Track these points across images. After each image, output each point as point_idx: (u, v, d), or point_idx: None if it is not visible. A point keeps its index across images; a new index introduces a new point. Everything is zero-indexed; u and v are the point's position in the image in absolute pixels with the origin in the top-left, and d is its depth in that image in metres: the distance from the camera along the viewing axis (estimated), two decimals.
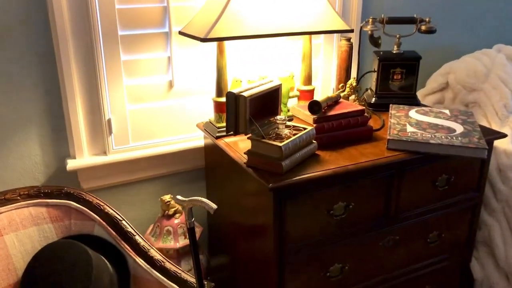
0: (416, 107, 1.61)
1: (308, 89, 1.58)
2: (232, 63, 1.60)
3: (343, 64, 1.66)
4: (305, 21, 1.44)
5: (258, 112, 1.30)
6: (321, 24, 1.45)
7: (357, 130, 1.44)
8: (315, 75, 1.81)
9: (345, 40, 1.64)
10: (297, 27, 1.41)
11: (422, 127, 1.45)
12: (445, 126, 1.45)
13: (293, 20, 1.42)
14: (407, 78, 1.67)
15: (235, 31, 1.33)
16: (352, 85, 1.61)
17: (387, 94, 1.70)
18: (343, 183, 1.30)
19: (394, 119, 1.50)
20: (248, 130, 1.24)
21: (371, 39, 1.65)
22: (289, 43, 1.70)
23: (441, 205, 1.50)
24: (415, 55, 1.68)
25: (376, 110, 1.69)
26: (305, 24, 1.43)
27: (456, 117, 1.53)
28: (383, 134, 1.48)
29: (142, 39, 1.49)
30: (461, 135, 1.39)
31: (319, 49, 1.79)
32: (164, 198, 1.50)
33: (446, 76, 1.96)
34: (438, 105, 1.96)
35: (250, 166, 1.26)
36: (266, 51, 1.67)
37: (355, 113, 1.43)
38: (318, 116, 1.38)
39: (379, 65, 1.66)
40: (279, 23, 1.40)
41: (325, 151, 1.36)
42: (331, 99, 1.46)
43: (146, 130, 1.58)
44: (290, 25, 1.41)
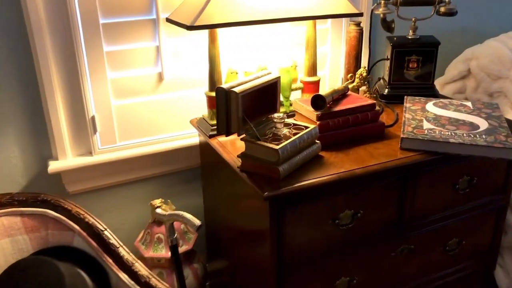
0: (434, 99, 1.44)
1: (313, 80, 1.42)
2: (227, 53, 1.44)
3: (352, 52, 1.49)
4: (308, 4, 1.27)
5: (253, 109, 1.15)
6: (326, 7, 1.29)
7: (366, 127, 1.28)
8: (322, 64, 1.65)
9: (354, 25, 1.47)
10: (299, 11, 1.25)
11: (441, 122, 1.28)
12: (467, 121, 1.28)
13: (294, 3, 1.26)
14: (424, 67, 1.50)
15: (227, 16, 1.17)
16: (362, 75, 1.44)
17: (401, 85, 1.53)
18: (350, 189, 1.14)
19: (409, 114, 1.34)
20: (241, 130, 1.10)
21: (383, 23, 1.48)
22: (291, 29, 1.53)
23: (461, 210, 1.34)
24: (433, 40, 1.50)
25: (389, 102, 1.52)
26: (307, 7, 1.27)
27: (480, 110, 1.36)
28: (396, 131, 1.32)
29: (127, 28, 1.34)
30: (485, 132, 1.22)
31: (326, 35, 1.62)
32: (154, 203, 1.37)
33: (467, 62, 1.78)
34: (458, 95, 1.78)
35: (244, 171, 1.12)
36: (266, 38, 1.51)
37: (364, 108, 1.27)
38: (322, 112, 1.23)
39: (393, 52, 1.48)
40: (278, 6, 1.24)
41: (329, 152, 1.20)
42: (337, 92, 1.30)
43: (134, 127, 1.44)
44: (290, 9, 1.25)
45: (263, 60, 1.48)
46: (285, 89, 1.38)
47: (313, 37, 1.39)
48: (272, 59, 1.52)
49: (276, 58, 1.53)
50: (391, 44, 1.48)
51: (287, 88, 1.38)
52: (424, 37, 1.52)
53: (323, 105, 1.22)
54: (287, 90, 1.38)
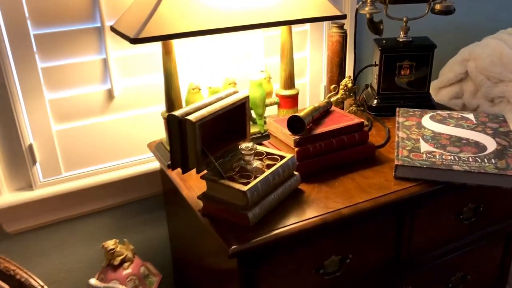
0: (430, 111, 1.24)
1: (290, 94, 1.22)
2: (187, 65, 1.23)
3: (335, 59, 1.29)
4: (279, 6, 1.06)
5: (216, 137, 0.95)
6: (302, 9, 1.08)
7: (354, 150, 1.08)
8: (302, 71, 1.44)
9: (336, 27, 1.26)
10: (268, 15, 1.04)
11: (441, 143, 1.09)
12: (471, 140, 1.09)
13: (263, 5, 1.05)
14: (418, 72, 1.30)
15: (182, 24, 0.96)
16: (347, 86, 1.24)
17: (392, 94, 1.33)
18: (336, 232, 0.95)
19: (403, 132, 1.14)
20: (200, 166, 0.89)
21: (370, 25, 1.28)
22: (264, 33, 1.33)
23: (466, 241, 1.15)
24: (428, 42, 1.31)
25: (378, 114, 1.33)
26: (278, 9, 1.06)
27: (485, 125, 1.17)
28: (389, 152, 1.13)
29: (66, 38, 1.12)
30: (495, 155, 1.03)
31: (305, 38, 1.41)
32: (107, 245, 1.16)
33: (464, 63, 1.59)
34: (455, 100, 1.59)
35: (207, 216, 0.91)
36: (234, 46, 1.30)
37: (351, 128, 1.07)
38: (300, 136, 1.02)
39: (382, 57, 1.29)
40: (243, 10, 1.03)
41: (311, 184, 1.00)
42: (318, 109, 1.10)
43: (83, 154, 1.23)
44: (258, 13, 1.04)
45: (231, 72, 1.28)
46: (257, 105, 1.17)
47: (289, 43, 1.18)
48: (242, 70, 1.31)
49: (247, 68, 1.33)
50: (380, 48, 1.28)
51: (260, 104, 1.17)
52: (417, 39, 1.32)
53: (302, 128, 1.02)
54: (260, 107, 1.18)
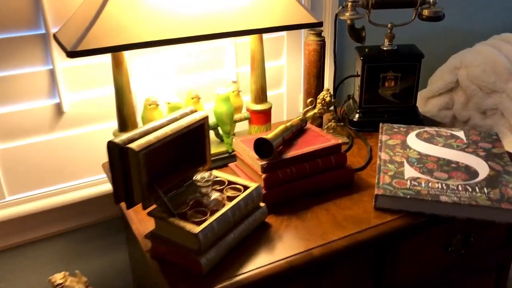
0: (417, 128, 1.13)
1: (262, 109, 1.10)
2: (144, 77, 1.11)
3: (312, 69, 1.16)
4: (245, 11, 0.94)
5: (170, 165, 0.82)
6: (268, 15, 0.96)
7: (330, 175, 0.96)
8: (278, 81, 1.32)
9: (313, 34, 1.14)
10: (230, 23, 0.92)
11: (428, 167, 0.97)
12: (461, 165, 0.98)
13: (226, 10, 0.92)
14: (404, 84, 1.18)
15: (130, 34, 0.83)
16: (325, 100, 1.12)
17: (375, 108, 1.21)
18: (306, 277, 0.83)
19: (385, 153, 1.02)
20: (147, 201, 0.77)
21: (351, 31, 1.16)
22: (236, 41, 1.20)
23: (456, 275, 1.04)
24: (415, 51, 1.19)
25: (360, 130, 1.21)
26: (240, 17, 0.93)
27: (476, 145, 1.05)
28: (369, 176, 1.01)
29: (6, 47, 0.99)
30: (487, 182, 0.91)
31: (282, 44, 1.29)
32: (54, 279, 1.03)
33: (455, 72, 1.47)
34: (445, 111, 1.48)
35: (156, 258, 0.79)
36: (199, 56, 1.17)
37: (326, 151, 0.95)
38: (268, 161, 0.90)
39: (364, 67, 1.17)
40: (204, 15, 0.91)
41: (280, 216, 0.88)
42: (290, 128, 0.98)
43: (30, 176, 1.10)
44: (221, 19, 0.91)
45: (198, 84, 1.15)
46: (224, 122, 1.05)
47: (259, 53, 1.05)
48: (210, 82, 1.19)
49: (216, 79, 1.20)
50: (361, 58, 1.16)
51: (226, 120, 1.05)
52: (403, 47, 1.20)
53: (270, 153, 0.90)
54: (227, 124, 1.05)
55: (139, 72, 1.11)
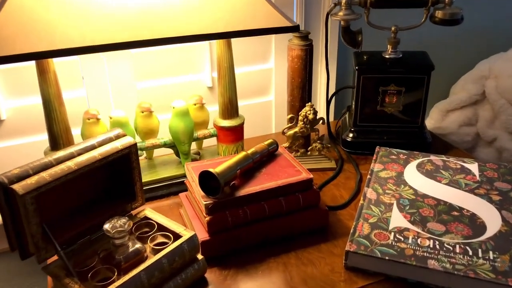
0: (420, 156, 0.92)
1: (230, 125, 0.92)
2: (88, 84, 0.95)
3: (296, 79, 0.97)
4: (203, 12, 0.76)
5: (81, 206, 0.66)
6: (237, 16, 0.77)
7: (296, 218, 0.78)
8: (266, 87, 1.14)
9: (297, 37, 0.94)
10: (177, 24, 0.74)
11: (421, 214, 0.77)
12: (465, 213, 0.77)
13: (175, 7, 0.75)
14: (409, 100, 0.98)
15: (47, 39, 0.67)
16: (307, 118, 0.93)
17: (373, 127, 1.01)
18: None
19: (373, 189, 0.83)
20: (42, 253, 0.61)
21: (345, 35, 0.95)
22: (211, 40, 1.02)
23: None
24: (424, 61, 0.97)
25: (354, 152, 1.01)
26: (198, 16, 0.75)
27: (491, 184, 0.84)
28: (350, 218, 0.82)
29: None
30: (495, 243, 0.70)
31: (269, 44, 1.10)
32: None
33: (482, 82, 1.24)
34: (467, 128, 1.25)
35: None
36: (168, 57, 1.00)
37: (293, 187, 0.77)
38: (215, 200, 0.73)
39: (359, 79, 0.96)
40: (147, 13, 0.73)
41: (224, 271, 0.71)
42: (251, 157, 0.79)
43: None
44: (165, 18, 0.74)
45: (160, 93, 0.99)
46: (180, 140, 0.88)
47: (227, 60, 0.87)
48: (177, 90, 1.02)
49: (184, 86, 1.03)
50: (357, 67, 0.96)
51: (184, 139, 0.88)
52: (410, 55, 0.99)
53: (217, 190, 0.72)
54: (185, 143, 0.88)
55: (90, 78, 0.95)
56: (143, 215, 0.72)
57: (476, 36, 1.32)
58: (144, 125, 0.88)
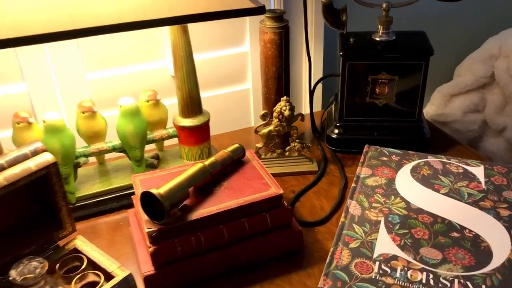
0: (416, 158, 0.78)
1: (191, 125, 0.78)
2: (39, 77, 0.81)
3: (270, 67, 0.82)
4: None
5: None
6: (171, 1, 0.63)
7: (263, 241, 0.65)
8: (242, 73, 1.00)
9: (270, 18, 0.79)
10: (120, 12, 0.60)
11: (414, 235, 0.64)
12: (467, 234, 0.63)
13: None
14: (403, 91, 0.83)
15: None
16: (283, 114, 0.79)
17: (361, 122, 0.87)
18: None
19: (358, 201, 0.70)
20: None
21: (326, 14, 0.80)
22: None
23: None
24: (421, 44, 0.82)
25: (340, 150, 0.88)
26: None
27: (499, 194, 0.70)
28: (330, 237, 0.69)
29: None
30: (504, 276, 0.57)
31: (243, 24, 0.95)
32: None
33: (490, 62, 1.08)
34: (473, 115, 1.10)
35: None
36: (122, 43, 0.86)
37: (258, 206, 0.63)
38: (160, 227, 0.60)
39: (344, 66, 0.82)
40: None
41: None
42: (208, 170, 0.66)
43: None
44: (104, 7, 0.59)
45: (114, 86, 0.85)
46: (130, 145, 0.74)
47: (183, 47, 0.73)
48: (135, 80, 0.88)
49: (144, 76, 0.89)
50: (341, 53, 0.81)
51: (134, 142, 0.74)
52: (406, 37, 0.83)
53: (163, 215, 0.59)
54: (136, 148, 0.75)
55: (29, 69, 0.81)
56: (73, 246, 0.59)
57: (483, 9, 1.15)
58: (87, 128, 0.74)
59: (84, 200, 0.75)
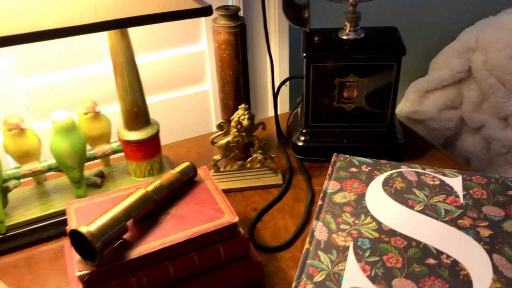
0: (388, 167, 0.71)
1: (139, 138, 0.69)
2: None
3: (227, 71, 0.74)
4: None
5: None
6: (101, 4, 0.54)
7: (216, 277, 0.57)
8: (200, 74, 0.91)
9: (223, 17, 0.70)
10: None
11: (386, 264, 0.57)
12: (445, 260, 0.57)
13: None
14: (374, 94, 0.75)
15: None
16: (241, 124, 0.71)
17: (329, 128, 0.79)
18: None
19: (324, 223, 0.62)
20: None
21: (287, 9, 0.71)
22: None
23: None
24: (393, 42, 0.74)
25: (306, 159, 0.80)
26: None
27: (478, 210, 0.63)
28: (294, 265, 0.62)
29: None
30: None
31: (198, 22, 0.86)
32: None
33: (467, 56, 1.02)
34: (449, 112, 1.04)
35: None
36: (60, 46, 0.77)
37: (210, 237, 0.56)
38: (92, 270, 0.51)
39: (308, 69, 0.74)
40: None
41: None
42: (152, 197, 0.58)
43: None
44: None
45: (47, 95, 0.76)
46: (66, 165, 0.65)
47: (123, 52, 0.63)
48: (78, 86, 0.79)
49: (80, 83, 0.80)
50: (305, 55, 0.73)
51: (70, 162, 0.65)
52: (376, 34, 0.75)
53: (94, 257, 0.51)
54: (73, 167, 0.66)
55: None
56: None
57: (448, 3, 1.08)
58: (16, 147, 0.65)
59: (16, 229, 0.66)
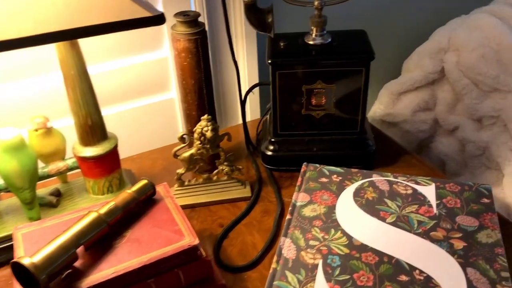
0: (360, 176, 0.68)
1: (95, 154, 0.65)
2: None
3: (188, 80, 0.70)
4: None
5: None
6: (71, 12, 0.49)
7: None
8: (164, 81, 0.87)
9: (182, 23, 0.66)
10: None
11: (357, 283, 0.54)
12: (418, 277, 0.54)
13: None
14: (343, 100, 0.72)
15: None
16: (204, 136, 0.67)
17: (298, 137, 0.76)
18: None
19: (292, 238, 0.59)
20: None
21: (250, 14, 0.68)
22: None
23: None
24: (361, 46, 0.71)
25: (275, 169, 0.77)
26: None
27: (452, 221, 0.61)
28: (259, 287, 0.59)
29: None
30: None
31: (159, 31, 0.82)
32: None
33: (439, 56, 1.00)
34: (423, 114, 1.02)
35: None
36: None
37: (168, 261, 0.52)
38: None
39: (274, 76, 0.70)
40: None
41: None
42: (104, 221, 0.53)
43: None
44: None
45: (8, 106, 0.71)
46: (15, 186, 0.61)
47: (74, 65, 0.59)
48: (30, 98, 0.75)
49: (42, 93, 0.76)
50: (270, 61, 0.69)
51: (20, 182, 0.60)
52: (343, 37, 0.72)
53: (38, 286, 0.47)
54: (24, 188, 0.61)
55: None
56: None
57: None
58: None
59: None
